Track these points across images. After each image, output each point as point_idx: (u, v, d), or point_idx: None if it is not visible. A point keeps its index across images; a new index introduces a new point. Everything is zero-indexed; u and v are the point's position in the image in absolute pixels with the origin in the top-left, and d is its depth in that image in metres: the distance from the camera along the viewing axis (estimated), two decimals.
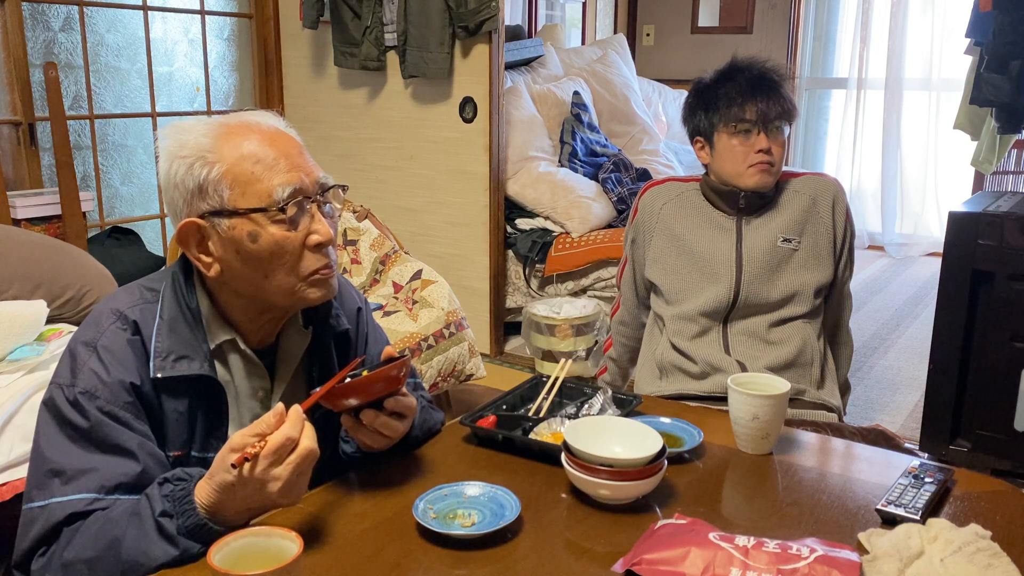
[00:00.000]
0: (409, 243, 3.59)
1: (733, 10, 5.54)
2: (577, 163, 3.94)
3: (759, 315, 1.75)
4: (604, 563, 0.97)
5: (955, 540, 0.94)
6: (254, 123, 1.10)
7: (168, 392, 1.07)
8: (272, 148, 1.07)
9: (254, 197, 1.05)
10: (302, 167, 1.09)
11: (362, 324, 1.32)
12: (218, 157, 1.05)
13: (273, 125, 1.12)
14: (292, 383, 1.20)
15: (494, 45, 3.33)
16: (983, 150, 3.27)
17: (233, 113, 1.14)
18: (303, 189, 1.07)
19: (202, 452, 1.10)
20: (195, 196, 1.06)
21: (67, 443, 1.02)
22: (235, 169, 1.05)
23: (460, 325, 2.75)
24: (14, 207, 2.73)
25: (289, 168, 1.07)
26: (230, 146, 1.06)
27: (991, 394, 2.43)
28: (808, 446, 1.32)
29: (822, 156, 5.85)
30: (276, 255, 1.07)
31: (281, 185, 1.05)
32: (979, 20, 2.82)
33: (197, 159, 1.05)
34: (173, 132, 1.09)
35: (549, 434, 1.28)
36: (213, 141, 1.06)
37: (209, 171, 1.05)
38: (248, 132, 1.08)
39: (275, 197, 1.05)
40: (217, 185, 1.05)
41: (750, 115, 1.70)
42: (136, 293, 1.12)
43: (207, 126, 1.08)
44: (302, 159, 1.10)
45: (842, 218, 1.80)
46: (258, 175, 1.05)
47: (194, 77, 3.64)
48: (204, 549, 0.92)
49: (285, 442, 0.94)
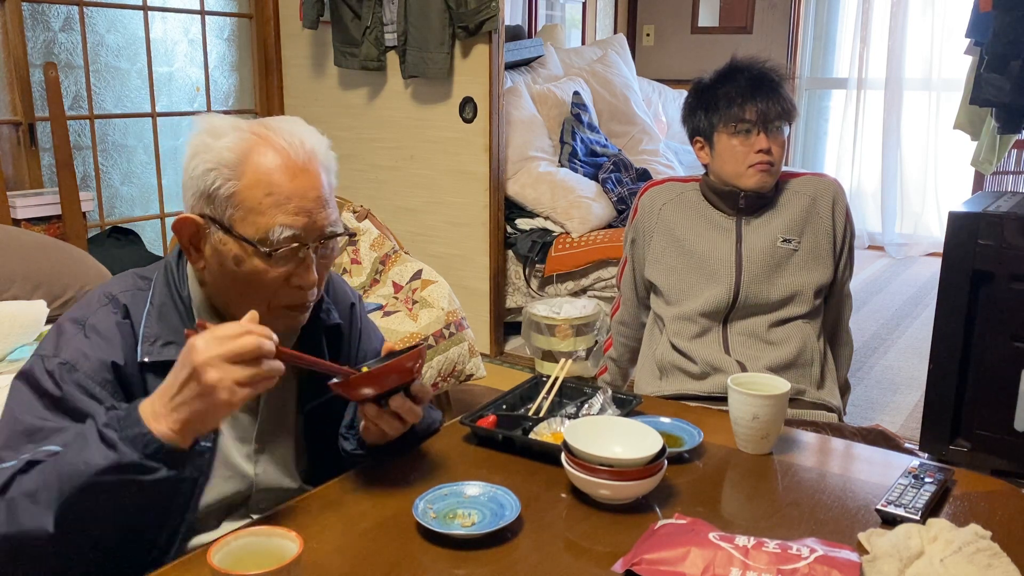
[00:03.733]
0: (409, 243, 3.58)
1: (733, 10, 5.54)
2: (577, 163, 3.94)
3: (759, 315, 1.75)
4: (604, 563, 0.97)
5: (955, 540, 0.94)
6: (287, 144, 1.06)
7: (156, 375, 1.06)
8: (290, 183, 1.04)
9: (252, 227, 1.04)
10: (311, 212, 1.06)
11: (355, 320, 1.31)
12: (235, 175, 1.04)
13: (308, 149, 1.07)
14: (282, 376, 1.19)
15: (494, 45, 3.33)
16: (983, 150, 3.27)
17: (273, 120, 1.10)
18: (302, 236, 1.05)
19: None
20: (203, 198, 1.06)
21: (40, 407, 1.01)
22: (245, 192, 1.04)
23: (460, 325, 2.75)
24: (14, 207, 2.73)
25: (297, 211, 1.05)
26: (251, 166, 1.04)
27: (991, 394, 2.43)
28: (808, 446, 1.32)
29: (822, 156, 5.85)
30: (253, 284, 1.06)
31: (282, 225, 1.04)
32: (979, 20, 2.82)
33: (215, 169, 1.04)
34: (205, 130, 1.06)
35: (549, 434, 1.29)
36: (236, 157, 1.04)
37: (222, 185, 1.04)
38: (275, 154, 1.05)
39: (271, 236, 1.04)
40: (225, 201, 1.04)
41: (750, 115, 1.70)
42: (129, 280, 1.13)
43: (236, 137, 1.05)
44: (316, 203, 1.06)
45: (842, 218, 1.80)
46: (264, 208, 1.04)
47: (194, 77, 3.64)
48: (143, 460, 0.90)
49: (238, 328, 0.93)
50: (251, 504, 1.18)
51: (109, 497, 0.92)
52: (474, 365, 2.80)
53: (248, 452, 1.17)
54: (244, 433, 1.17)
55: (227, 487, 1.14)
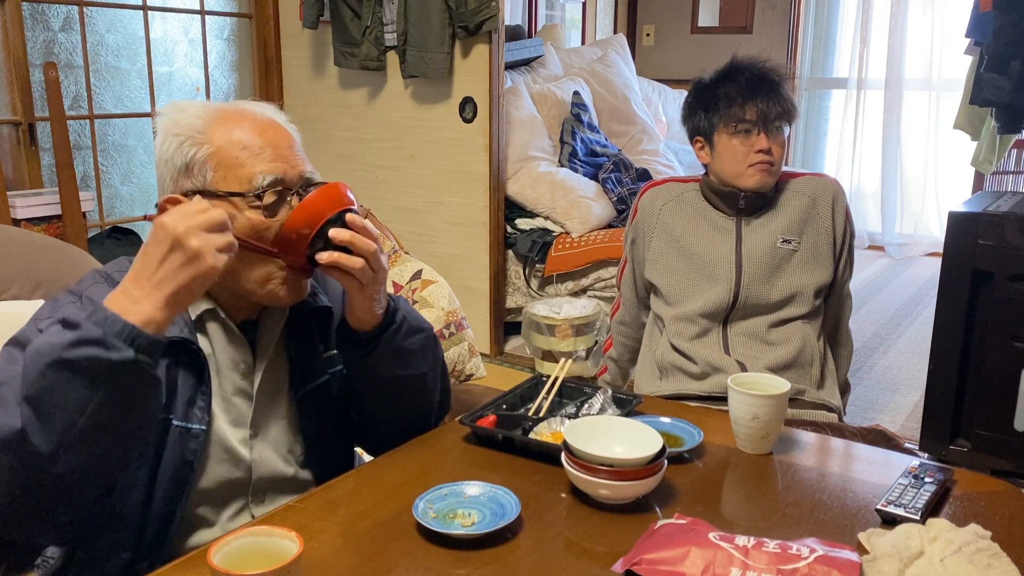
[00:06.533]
0: (409, 243, 3.58)
1: (733, 10, 5.54)
2: (577, 163, 3.94)
3: (759, 316, 1.75)
4: (604, 563, 0.97)
5: (955, 540, 0.94)
6: (250, 112, 1.13)
7: None
8: (261, 137, 1.10)
9: (235, 181, 1.08)
10: (288, 159, 1.11)
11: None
12: (207, 139, 1.08)
13: (269, 116, 1.14)
14: (274, 359, 1.19)
15: (494, 45, 3.33)
16: (983, 150, 3.27)
17: (233, 101, 1.16)
18: (285, 180, 1.09)
19: (184, 421, 1.09)
20: (181, 174, 1.09)
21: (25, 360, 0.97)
22: (221, 152, 1.08)
23: (460, 325, 2.75)
24: (14, 207, 2.73)
25: (274, 158, 1.09)
26: (221, 130, 1.09)
27: (991, 394, 2.43)
28: (808, 446, 1.32)
29: (822, 156, 5.85)
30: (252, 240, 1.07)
31: (263, 172, 1.08)
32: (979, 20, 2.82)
33: (187, 138, 1.08)
34: (171, 110, 1.12)
35: (549, 434, 1.28)
36: (205, 123, 1.09)
37: (197, 151, 1.08)
38: (241, 119, 1.11)
39: (255, 183, 1.07)
40: (202, 166, 1.08)
41: (750, 115, 1.70)
42: (124, 263, 1.14)
43: (203, 108, 1.11)
44: (290, 151, 1.12)
45: (842, 218, 1.80)
46: (242, 160, 1.08)
47: (194, 77, 3.64)
48: (107, 337, 0.89)
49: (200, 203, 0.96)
50: (252, 492, 1.17)
51: (74, 385, 0.89)
52: (474, 365, 2.80)
53: (243, 437, 1.17)
54: (239, 417, 1.17)
55: (224, 471, 1.14)
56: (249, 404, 1.17)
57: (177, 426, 1.09)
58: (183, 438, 1.09)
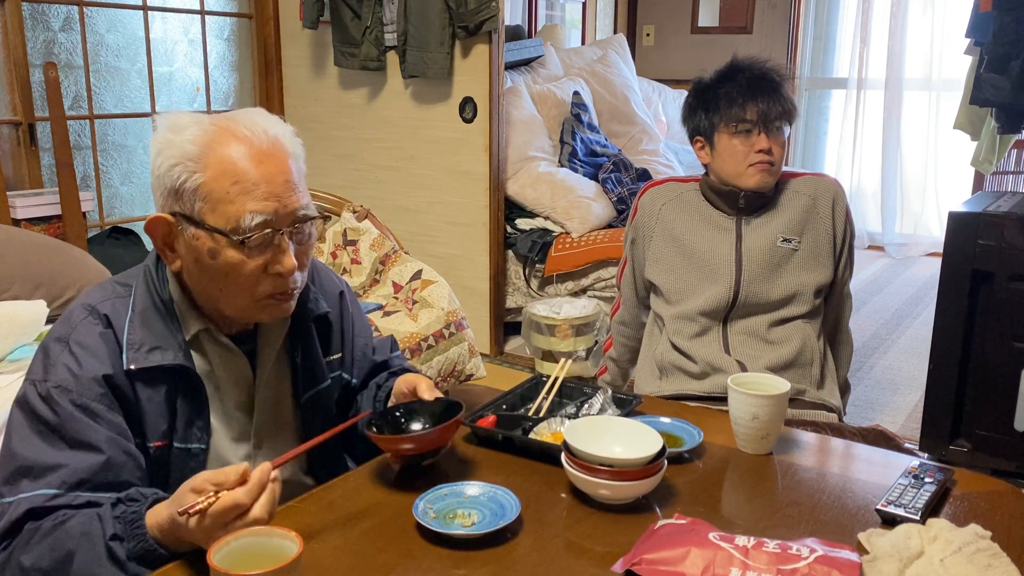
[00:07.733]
0: (409, 243, 3.58)
1: (733, 10, 5.54)
2: (577, 163, 3.94)
3: (759, 315, 1.75)
4: (604, 563, 0.97)
5: (955, 540, 0.94)
6: (249, 132, 1.05)
7: (144, 382, 1.07)
8: (257, 169, 1.03)
9: (222, 217, 1.03)
10: (281, 196, 1.05)
11: (345, 308, 1.31)
12: (200, 167, 1.03)
13: (272, 136, 1.07)
14: (275, 369, 1.19)
15: (494, 45, 3.33)
16: (983, 150, 3.27)
17: (235, 112, 1.10)
18: (274, 220, 1.04)
19: (184, 443, 1.09)
20: (171, 195, 1.05)
21: (36, 439, 1.02)
22: (212, 184, 1.03)
23: (460, 325, 2.75)
24: (14, 207, 2.73)
25: (266, 196, 1.03)
26: (215, 157, 1.03)
27: (991, 394, 2.43)
28: (808, 446, 1.32)
29: (822, 156, 5.85)
30: (232, 277, 1.06)
31: (252, 212, 1.03)
32: (979, 20, 2.82)
33: (179, 163, 1.03)
34: (166, 128, 1.06)
35: (549, 434, 1.28)
36: (199, 149, 1.03)
37: (188, 179, 1.03)
38: (239, 143, 1.04)
39: (242, 224, 1.03)
40: (192, 195, 1.03)
41: (750, 115, 1.70)
42: (108, 289, 1.12)
43: (198, 130, 1.04)
44: (285, 187, 1.05)
45: (842, 218, 1.80)
46: (232, 197, 1.02)
47: (194, 77, 3.64)
48: None
49: (232, 507, 0.90)
50: None
51: None
52: (474, 365, 2.80)
53: (246, 452, 1.16)
54: (240, 433, 1.16)
55: None
56: (249, 419, 1.17)
57: (178, 448, 1.09)
58: (184, 459, 1.09)
